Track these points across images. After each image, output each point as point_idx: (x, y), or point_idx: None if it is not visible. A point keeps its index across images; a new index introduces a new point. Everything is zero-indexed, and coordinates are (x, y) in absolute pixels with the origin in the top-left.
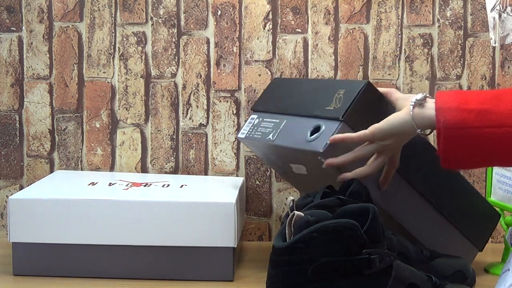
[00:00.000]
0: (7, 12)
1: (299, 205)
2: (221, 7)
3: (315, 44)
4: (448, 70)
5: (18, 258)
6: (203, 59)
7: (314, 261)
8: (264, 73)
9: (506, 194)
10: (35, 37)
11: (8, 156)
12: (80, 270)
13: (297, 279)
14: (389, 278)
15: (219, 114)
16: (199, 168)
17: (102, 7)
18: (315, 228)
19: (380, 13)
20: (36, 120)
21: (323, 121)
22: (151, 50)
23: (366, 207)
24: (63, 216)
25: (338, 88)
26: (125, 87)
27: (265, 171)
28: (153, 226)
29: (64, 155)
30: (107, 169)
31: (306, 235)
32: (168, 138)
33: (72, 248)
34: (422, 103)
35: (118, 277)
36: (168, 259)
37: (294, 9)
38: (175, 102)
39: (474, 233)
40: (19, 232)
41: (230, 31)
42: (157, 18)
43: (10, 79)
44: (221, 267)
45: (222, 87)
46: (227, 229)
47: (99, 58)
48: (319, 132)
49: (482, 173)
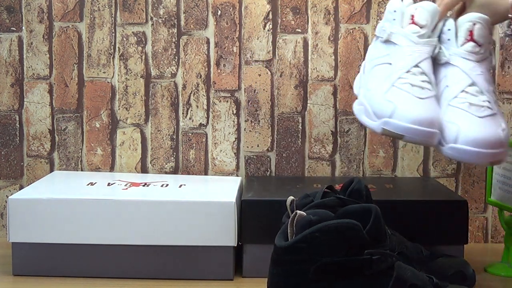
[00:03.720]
0: (7, 12)
1: (299, 205)
2: (221, 7)
3: (315, 44)
4: None
5: (18, 258)
6: (203, 59)
7: (316, 261)
8: (264, 73)
9: (506, 194)
10: (35, 37)
11: (8, 156)
12: (80, 270)
13: (298, 278)
14: (390, 279)
15: (219, 114)
16: (199, 168)
17: (102, 7)
18: (317, 228)
19: (380, 13)
20: (36, 120)
21: None
22: (151, 50)
23: (368, 207)
24: (63, 216)
25: None
26: (125, 87)
27: (265, 171)
28: (153, 225)
29: (64, 155)
30: (107, 169)
31: (308, 235)
32: (168, 138)
33: (72, 248)
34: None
35: (118, 277)
36: (168, 259)
37: (294, 9)
38: (175, 102)
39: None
40: (18, 232)
41: (230, 31)
42: (157, 18)
43: (10, 79)
44: (221, 267)
45: (222, 87)
46: (227, 229)
47: (99, 58)
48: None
49: (482, 173)
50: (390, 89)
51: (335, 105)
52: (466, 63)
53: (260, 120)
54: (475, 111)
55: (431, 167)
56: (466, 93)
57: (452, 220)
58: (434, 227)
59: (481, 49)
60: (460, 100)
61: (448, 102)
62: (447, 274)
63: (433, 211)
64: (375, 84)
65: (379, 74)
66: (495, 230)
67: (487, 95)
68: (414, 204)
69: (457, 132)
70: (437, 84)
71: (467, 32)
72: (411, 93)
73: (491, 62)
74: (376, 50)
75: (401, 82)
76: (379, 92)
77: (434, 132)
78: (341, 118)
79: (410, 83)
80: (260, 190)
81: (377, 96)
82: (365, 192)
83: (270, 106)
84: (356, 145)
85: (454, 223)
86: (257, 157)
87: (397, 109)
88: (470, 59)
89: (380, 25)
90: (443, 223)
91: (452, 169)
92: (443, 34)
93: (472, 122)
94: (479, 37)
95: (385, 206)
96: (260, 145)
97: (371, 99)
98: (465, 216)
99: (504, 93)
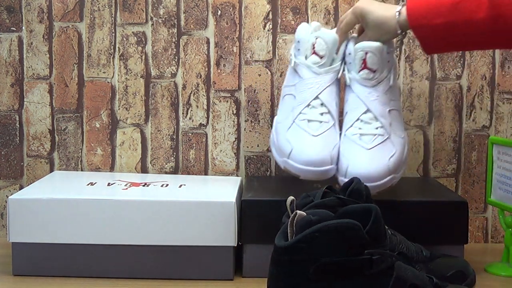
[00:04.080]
0: (7, 12)
1: (299, 205)
2: (221, 7)
3: None
4: (448, 70)
5: (18, 258)
6: (203, 59)
7: (316, 261)
8: (264, 73)
9: (506, 194)
10: (35, 37)
11: (8, 156)
12: (80, 270)
13: (298, 278)
14: (391, 279)
15: (219, 114)
16: (199, 168)
17: (102, 7)
18: (317, 228)
19: None
20: (36, 120)
21: None
22: (151, 50)
23: (368, 207)
24: (63, 216)
25: None
26: (125, 87)
27: (265, 171)
28: (153, 225)
29: (64, 155)
30: (107, 169)
31: (308, 235)
32: (168, 138)
33: (72, 248)
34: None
35: (118, 277)
36: (168, 259)
37: (294, 9)
38: (175, 102)
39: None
40: (18, 232)
41: (230, 31)
42: (157, 18)
43: (10, 79)
44: (221, 267)
45: (222, 87)
46: (227, 229)
47: (99, 58)
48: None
49: (482, 173)
50: (291, 126)
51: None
52: (362, 89)
53: (260, 120)
54: (365, 142)
55: (431, 167)
56: (360, 122)
57: (452, 221)
58: (434, 228)
59: (375, 74)
60: (353, 131)
61: (345, 132)
62: (447, 274)
63: (433, 212)
64: (283, 116)
65: (287, 105)
66: (495, 230)
67: (381, 120)
68: (414, 205)
69: (346, 167)
70: (344, 103)
71: (361, 61)
72: (307, 132)
73: (389, 82)
74: (289, 76)
75: (300, 119)
76: (284, 128)
77: (326, 169)
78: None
79: (308, 119)
80: (260, 190)
81: (281, 133)
82: (365, 192)
83: (270, 106)
84: None
85: (454, 223)
86: (257, 157)
87: (293, 150)
88: (365, 85)
89: (291, 50)
90: (443, 223)
91: (452, 169)
92: (346, 56)
93: (360, 156)
94: (372, 65)
95: (385, 206)
96: (260, 145)
97: (278, 134)
98: (465, 216)
99: (504, 93)
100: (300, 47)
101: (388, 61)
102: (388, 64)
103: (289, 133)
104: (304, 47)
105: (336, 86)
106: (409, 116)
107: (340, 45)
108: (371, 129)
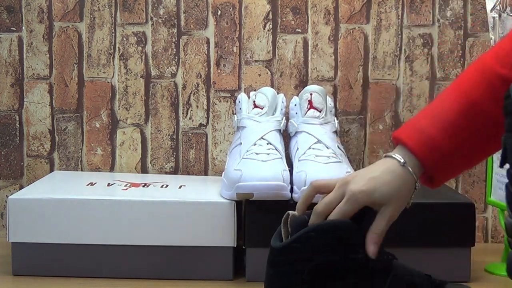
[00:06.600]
0: (7, 12)
1: None
2: (221, 7)
3: (315, 44)
4: (448, 70)
5: (18, 258)
6: (203, 59)
7: (311, 260)
8: (264, 73)
9: None
10: (35, 37)
11: (8, 156)
12: (80, 270)
13: (294, 279)
14: (387, 278)
15: (219, 114)
16: (199, 168)
17: (102, 7)
18: (312, 227)
19: (380, 13)
20: (36, 120)
21: None
22: (151, 50)
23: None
24: (63, 216)
25: None
26: (125, 87)
27: None
28: (153, 225)
29: (64, 155)
30: (107, 169)
31: (303, 235)
32: (168, 138)
33: (72, 248)
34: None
35: (118, 277)
36: (168, 259)
37: (294, 9)
38: (175, 102)
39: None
40: (18, 232)
41: (230, 31)
42: (157, 18)
43: (10, 79)
44: (220, 267)
45: (222, 87)
46: (226, 229)
47: (99, 58)
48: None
49: (482, 173)
50: (239, 162)
51: (335, 105)
52: (311, 127)
53: None
54: (321, 160)
55: None
56: (313, 149)
57: (458, 223)
58: (440, 230)
59: (321, 114)
60: (307, 156)
61: (298, 159)
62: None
63: (439, 214)
64: (231, 162)
65: (234, 154)
66: (495, 230)
67: (332, 149)
68: (419, 207)
69: (305, 177)
70: (290, 151)
71: (307, 102)
72: (256, 159)
73: (335, 126)
74: (234, 137)
75: (248, 154)
76: (232, 167)
77: (279, 185)
78: (341, 118)
79: (256, 152)
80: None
81: (230, 170)
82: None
83: None
84: (356, 145)
85: (460, 225)
86: None
87: (243, 173)
88: (314, 123)
89: (234, 119)
90: (449, 225)
91: None
92: (291, 110)
93: (318, 167)
94: (317, 104)
95: None
96: None
97: (227, 174)
98: (471, 218)
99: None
100: (241, 106)
101: (331, 110)
102: (331, 112)
103: (238, 166)
104: (246, 105)
105: (279, 134)
106: (409, 116)
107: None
108: (325, 153)
